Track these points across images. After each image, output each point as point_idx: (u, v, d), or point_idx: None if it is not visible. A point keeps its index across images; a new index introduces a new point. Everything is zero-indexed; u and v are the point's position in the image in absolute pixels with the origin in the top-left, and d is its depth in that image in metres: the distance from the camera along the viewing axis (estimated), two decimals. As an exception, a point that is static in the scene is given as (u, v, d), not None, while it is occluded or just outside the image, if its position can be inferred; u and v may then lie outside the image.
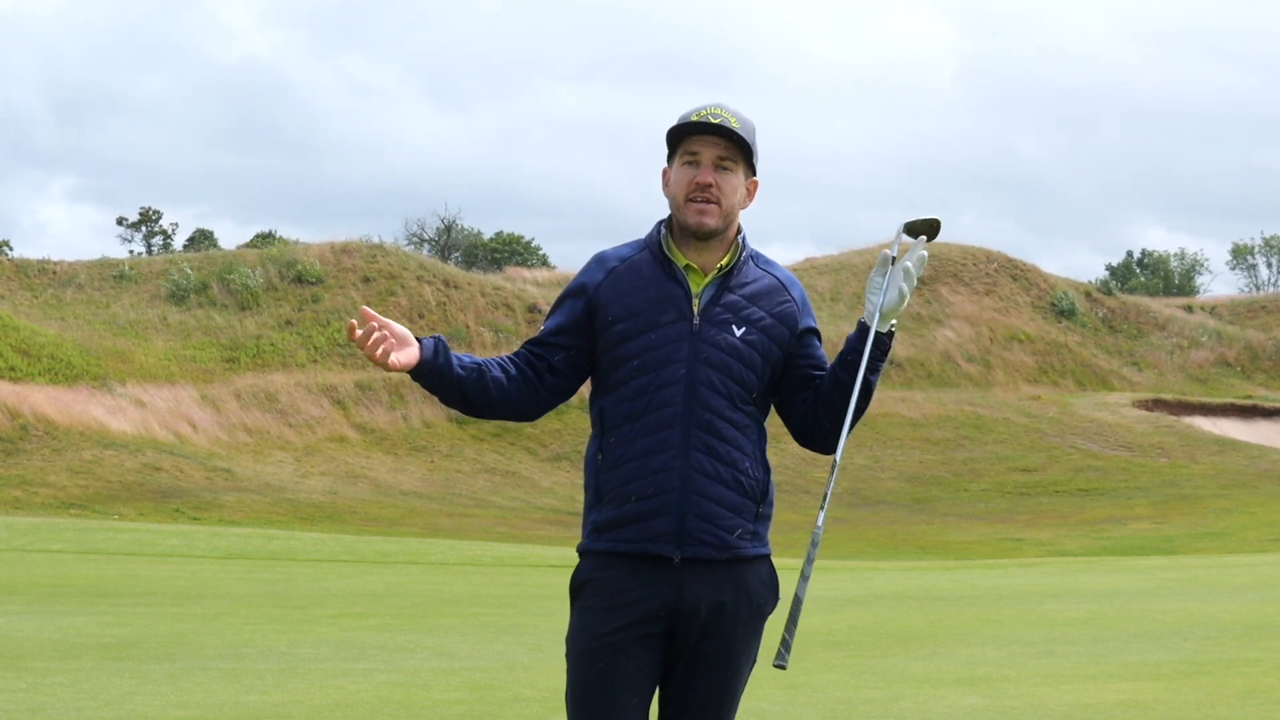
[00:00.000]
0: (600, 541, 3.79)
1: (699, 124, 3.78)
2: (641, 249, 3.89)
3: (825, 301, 60.98)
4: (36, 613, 12.88)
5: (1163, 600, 15.19)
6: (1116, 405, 53.72)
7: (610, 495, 3.78)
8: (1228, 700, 8.35)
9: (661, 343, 3.77)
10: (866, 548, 32.25)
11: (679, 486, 3.72)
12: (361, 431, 43.34)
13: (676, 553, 3.72)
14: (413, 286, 51.11)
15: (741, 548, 3.78)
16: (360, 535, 29.74)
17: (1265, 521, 34.98)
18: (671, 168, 3.87)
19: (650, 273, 3.83)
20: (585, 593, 3.80)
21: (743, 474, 3.78)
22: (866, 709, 8.09)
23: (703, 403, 3.75)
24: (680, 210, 3.81)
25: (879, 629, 12.58)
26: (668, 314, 3.78)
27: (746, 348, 3.80)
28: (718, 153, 3.80)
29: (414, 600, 15.31)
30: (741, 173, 3.84)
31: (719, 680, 3.79)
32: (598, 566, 3.79)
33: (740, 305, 3.82)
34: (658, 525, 3.72)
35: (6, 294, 48.52)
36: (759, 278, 3.89)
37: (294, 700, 8.26)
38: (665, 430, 3.74)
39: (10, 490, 34.13)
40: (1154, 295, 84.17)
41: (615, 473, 3.77)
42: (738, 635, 3.79)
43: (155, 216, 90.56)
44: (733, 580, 3.77)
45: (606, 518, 3.78)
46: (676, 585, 3.73)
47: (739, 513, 3.78)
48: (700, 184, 3.78)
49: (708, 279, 3.83)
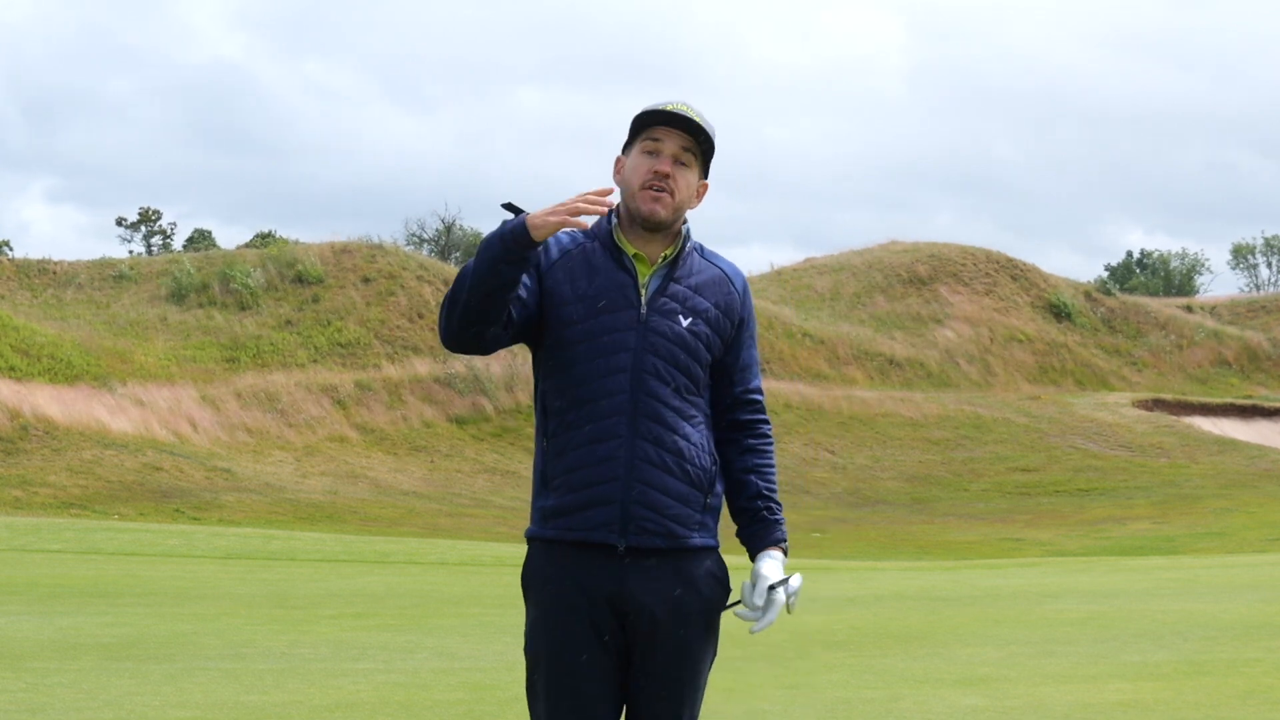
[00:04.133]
0: (548, 529, 3.79)
1: (668, 114, 3.79)
2: (589, 237, 3.88)
3: (825, 301, 60.97)
4: (36, 613, 12.88)
5: (1163, 600, 15.18)
6: (1116, 405, 53.72)
7: (557, 482, 3.77)
8: (1228, 700, 8.35)
9: (608, 329, 3.76)
10: (866, 548, 32.26)
11: (624, 475, 3.72)
12: (361, 431, 43.33)
13: (621, 541, 3.72)
14: (413, 286, 51.09)
15: (688, 537, 3.78)
16: (360, 535, 29.74)
17: (1265, 521, 34.98)
18: (628, 155, 3.86)
19: (599, 261, 3.82)
20: (535, 586, 3.81)
21: (689, 463, 3.78)
22: (866, 709, 8.08)
23: (649, 392, 3.75)
24: (633, 197, 3.81)
25: (879, 629, 12.58)
26: (616, 302, 3.78)
27: (693, 338, 3.81)
28: (680, 144, 3.81)
29: (414, 600, 15.30)
30: (697, 171, 3.85)
31: (674, 673, 3.79)
32: (545, 555, 3.80)
33: (686, 296, 3.83)
34: (603, 514, 3.72)
35: (6, 294, 48.51)
36: (704, 269, 3.89)
37: (294, 700, 8.25)
38: (612, 418, 3.73)
39: (10, 490, 34.12)
40: (1154, 295, 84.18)
41: (561, 460, 3.77)
42: (689, 628, 3.79)
43: (155, 216, 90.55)
44: (680, 572, 3.78)
45: (554, 505, 3.78)
46: (621, 575, 3.73)
47: (685, 502, 3.78)
48: (658, 172, 3.78)
49: (653, 268, 3.84)
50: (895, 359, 56.40)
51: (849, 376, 54.12)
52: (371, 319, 49.03)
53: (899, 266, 63.36)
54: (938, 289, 62.10)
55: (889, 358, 56.33)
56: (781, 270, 65.63)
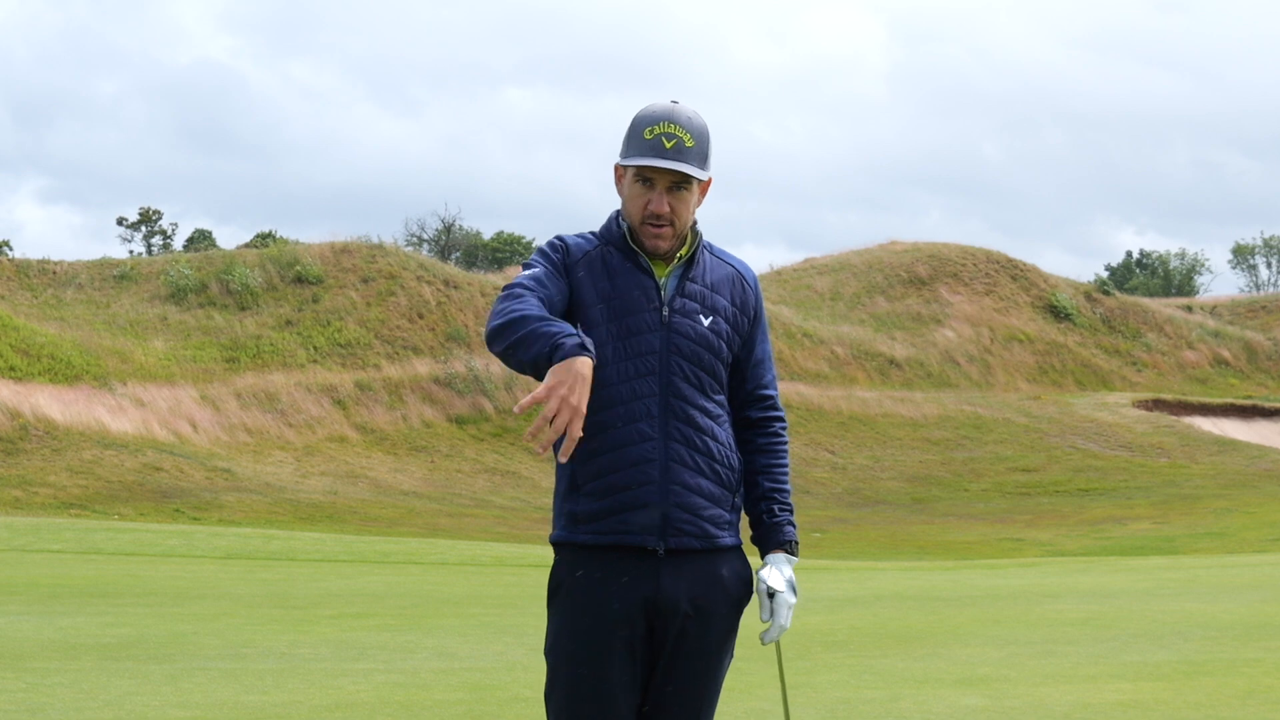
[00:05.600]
0: (580, 533, 3.77)
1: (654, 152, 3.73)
2: (603, 242, 3.86)
3: (825, 301, 60.98)
4: (36, 613, 12.88)
5: (1163, 600, 15.19)
6: (1116, 405, 53.74)
7: (590, 486, 3.75)
8: (1228, 700, 8.35)
9: (634, 331, 3.76)
10: (866, 548, 32.26)
11: (660, 478, 3.71)
12: (361, 431, 43.33)
13: (660, 544, 3.72)
14: (412, 286, 51.10)
15: (720, 537, 3.80)
16: (360, 535, 29.74)
17: (1265, 521, 34.98)
18: (626, 173, 3.83)
19: (617, 263, 3.81)
20: (565, 591, 3.78)
21: (719, 463, 3.79)
22: (866, 709, 8.08)
23: (677, 393, 3.75)
24: (635, 230, 3.81)
25: (879, 629, 12.58)
26: (639, 303, 3.77)
27: (714, 337, 3.81)
28: (673, 177, 3.77)
29: (414, 600, 15.30)
30: (695, 187, 3.81)
31: (698, 674, 3.79)
32: (577, 560, 3.77)
33: (704, 294, 3.83)
34: (641, 517, 3.71)
35: (6, 294, 48.50)
36: (716, 267, 3.89)
37: (294, 700, 8.25)
38: (643, 421, 3.72)
39: (10, 490, 34.13)
40: (1153, 295, 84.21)
41: (591, 463, 3.74)
42: (716, 629, 3.79)
43: (155, 217, 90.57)
44: (710, 572, 3.78)
45: (586, 509, 3.75)
46: (656, 577, 3.72)
47: (717, 503, 3.79)
48: (655, 214, 3.76)
49: (669, 268, 3.83)
50: (895, 359, 56.41)
51: (849, 377, 54.13)
52: (371, 319, 49.03)
53: (899, 267, 63.37)
54: (938, 289, 62.11)
55: (889, 358, 56.33)
56: (781, 270, 65.66)
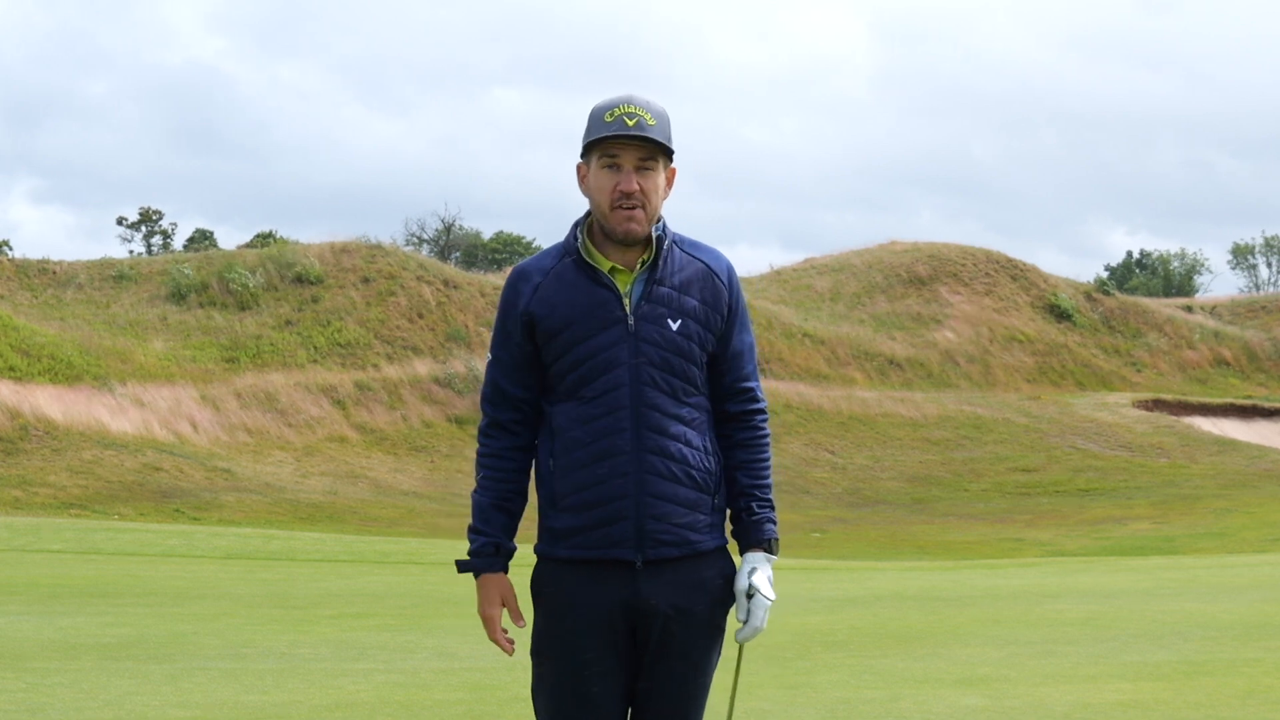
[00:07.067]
0: (560, 548, 3.79)
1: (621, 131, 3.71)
2: (562, 256, 3.83)
3: (825, 301, 60.97)
4: (36, 613, 12.88)
5: (1163, 600, 15.18)
6: (1116, 405, 53.73)
7: (566, 502, 3.77)
8: (1228, 700, 8.34)
9: (601, 348, 3.74)
10: (866, 548, 32.26)
11: (634, 491, 3.71)
12: (361, 431, 43.33)
13: (638, 556, 3.73)
14: (412, 286, 51.10)
15: (700, 541, 3.79)
16: (360, 535, 29.74)
17: (1265, 521, 34.97)
18: (590, 167, 3.79)
19: (575, 279, 3.78)
20: (546, 594, 3.83)
21: (694, 468, 3.77)
22: (866, 709, 8.08)
23: (649, 403, 3.74)
24: (606, 218, 3.75)
25: (879, 629, 12.57)
26: (602, 319, 3.74)
27: (684, 340, 3.77)
28: (639, 155, 3.73)
29: (414, 600, 15.30)
30: (662, 169, 3.77)
31: (683, 676, 3.80)
32: (558, 572, 3.81)
33: (671, 297, 3.78)
34: (617, 531, 3.72)
35: (6, 294, 48.49)
36: (685, 264, 3.83)
37: (294, 700, 8.25)
38: (615, 435, 3.72)
39: (10, 490, 34.12)
40: (1153, 295, 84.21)
41: (568, 479, 3.75)
42: (699, 630, 3.80)
43: (155, 217, 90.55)
44: (692, 577, 3.78)
45: (565, 525, 3.77)
46: (634, 584, 3.74)
47: (695, 508, 3.78)
48: (625, 192, 3.72)
49: (634, 275, 3.78)
50: (895, 359, 56.39)
51: (849, 377, 54.12)
52: (371, 319, 49.03)
53: (899, 267, 63.36)
54: (937, 289, 62.10)
55: (889, 358, 56.32)
56: (781, 270, 65.64)
